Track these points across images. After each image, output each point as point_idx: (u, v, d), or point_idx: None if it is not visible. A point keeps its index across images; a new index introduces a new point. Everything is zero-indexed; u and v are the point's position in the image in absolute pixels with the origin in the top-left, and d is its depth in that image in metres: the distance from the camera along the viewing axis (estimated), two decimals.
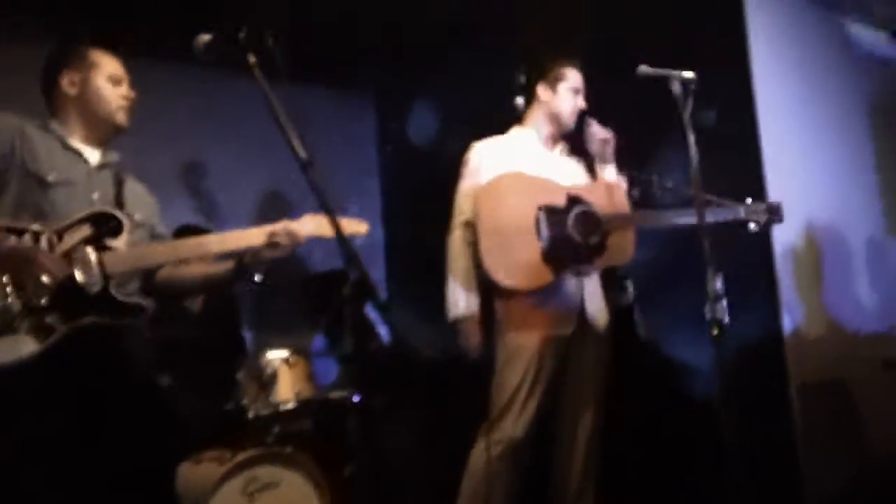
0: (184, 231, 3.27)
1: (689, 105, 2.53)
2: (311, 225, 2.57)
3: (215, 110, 4.33)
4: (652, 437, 3.45)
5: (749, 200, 3.06)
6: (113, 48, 2.53)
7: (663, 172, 3.35)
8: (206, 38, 2.03)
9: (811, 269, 3.88)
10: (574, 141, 3.23)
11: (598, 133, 3.11)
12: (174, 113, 4.14)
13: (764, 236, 3.49)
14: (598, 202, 3.02)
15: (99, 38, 2.53)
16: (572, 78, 3.12)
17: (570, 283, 2.99)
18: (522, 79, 3.23)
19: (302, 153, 1.85)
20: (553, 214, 2.94)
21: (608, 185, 3.10)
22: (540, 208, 2.92)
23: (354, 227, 2.65)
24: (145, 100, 2.61)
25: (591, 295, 3.06)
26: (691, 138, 2.49)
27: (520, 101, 3.21)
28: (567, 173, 3.14)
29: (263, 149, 3.30)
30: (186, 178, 4.38)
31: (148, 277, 2.53)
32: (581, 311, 3.01)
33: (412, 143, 4.82)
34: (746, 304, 2.93)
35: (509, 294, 2.91)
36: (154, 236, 2.57)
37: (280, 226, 2.51)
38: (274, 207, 4.51)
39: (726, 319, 2.36)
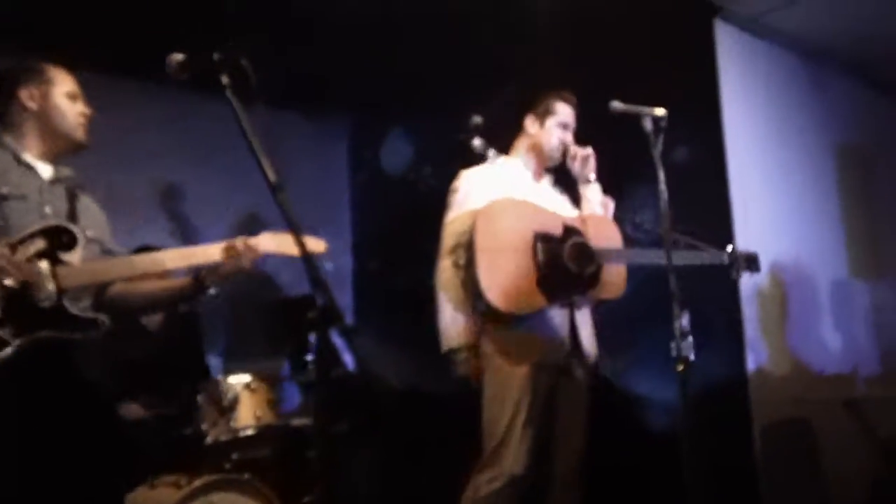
0: (142, 251, 3.22)
1: (660, 142, 2.56)
2: (272, 243, 2.55)
3: (191, 132, 4.30)
4: (614, 473, 3.43)
5: (730, 248, 3.10)
6: (69, 65, 2.52)
7: (636, 210, 3.37)
8: (179, 56, 2.03)
9: (776, 309, 3.92)
10: (559, 172, 3.22)
11: (578, 152, 3.09)
12: (149, 134, 4.11)
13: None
14: (593, 235, 2.99)
15: (54, 54, 2.51)
16: (563, 112, 3.10)
17: (560, 312, 2.95)
18: (478, 119, 3.22)
19: (272, 175, 1.84)
20: (550, 242, 2.90)
21: (603, 220, 3.09)
22: (537, 235, 2.88)
23: (312, 245, 2.58)
24: (119, 120, 2.59)
25: (583, 324, 3.02)
26: (661, 175, 2.51)
27: (477, 142, 3.18)
28: (555, 204, 3.12)
29: (239, 172, 3.25)
30: (161, 198, 4.34)
31: (99, 293, 2.48)
32: (574, 339, 2.97)
33: (385, 171, 4.82)
34: (711, 343, 2.94)
35: (498, 321, 2.85)
36: (105, 252, 2.53)
37: (237, 240, 2.50)
38: (249, 230, 4.46)
39: (692, 356, 2.36)
